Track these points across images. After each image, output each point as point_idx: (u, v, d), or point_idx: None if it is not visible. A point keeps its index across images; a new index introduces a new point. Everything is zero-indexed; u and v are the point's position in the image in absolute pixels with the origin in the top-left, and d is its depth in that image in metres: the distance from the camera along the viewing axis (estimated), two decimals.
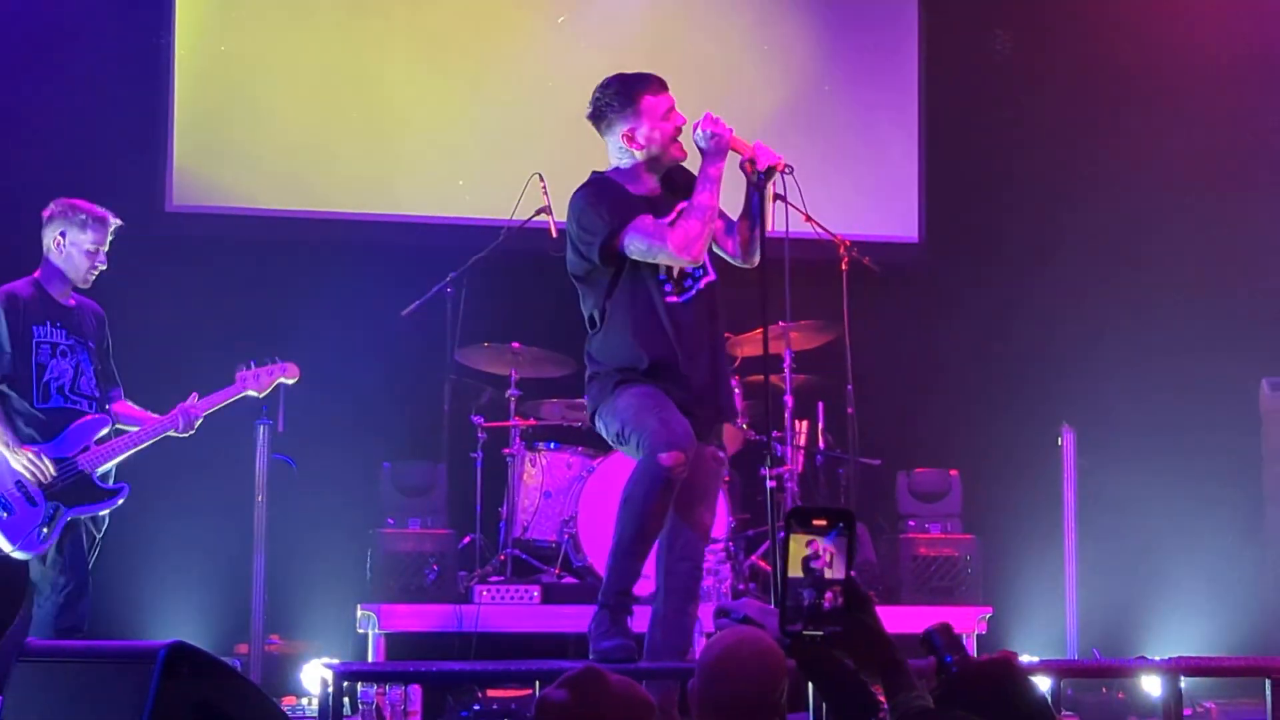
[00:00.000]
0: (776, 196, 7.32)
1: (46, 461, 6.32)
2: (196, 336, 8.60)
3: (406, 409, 9.13)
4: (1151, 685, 6.73)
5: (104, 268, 6.61)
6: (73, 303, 6.62)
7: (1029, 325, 9.76)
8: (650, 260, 5.62)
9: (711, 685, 3.21)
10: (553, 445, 8.72)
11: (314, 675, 7.62)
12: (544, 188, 8.42)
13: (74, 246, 6.51)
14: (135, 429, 6.64)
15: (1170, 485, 9.30)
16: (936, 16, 10.23)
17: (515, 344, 8.70)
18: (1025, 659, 6.50)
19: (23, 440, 6.36)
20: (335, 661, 6.99)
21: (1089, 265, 9.85)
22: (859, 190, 9.90)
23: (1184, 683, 5.84)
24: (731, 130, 5.69)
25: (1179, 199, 9.81)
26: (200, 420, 6.67)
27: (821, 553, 2.80)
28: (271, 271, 9.27)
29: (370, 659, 7.99)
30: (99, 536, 6.60)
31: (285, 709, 7.48)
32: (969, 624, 8.38)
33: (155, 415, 6.68)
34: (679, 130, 5.73)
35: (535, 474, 8.65)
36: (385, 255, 9.43)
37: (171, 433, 6.62)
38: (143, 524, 7.25)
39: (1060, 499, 8.78)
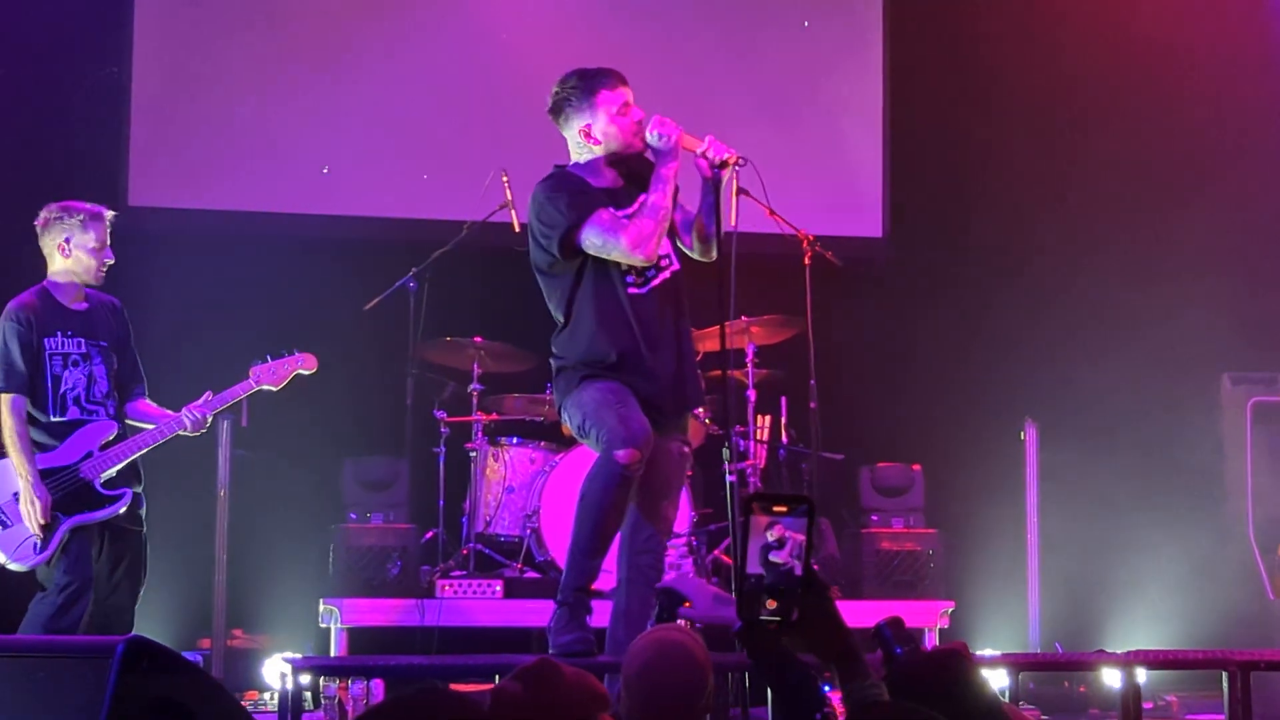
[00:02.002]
0: (740, 191, 7.37)
1: (39, 511, 6.23)
2: (156, 331, 8.54)
3: (369, 404, 9.11)
4: (1113, 678, 6.77)
5: (111, 262, 6.56)
6: (85, 306, 6.55)
7: (992, 320, 9.79)
8: (605, 256, 5.65)
9: (636, 699, 3.21)
10: (515, 440, 8.72)
11: (276, 670, 7.61)
12: (507, 183, 8.42)
13: (80, 248, 6.47)
14: (149, 427, 6.56)
15: (1132, 479, 9.34)
16: (901, 11, 10.25)
17: (478, 338, 8.69)
18: (987, 653, 6.53)
19: (38, 449, 6.35)
20: (297, 656, 6.98)
21: (1052, 260, 9.88)
22: (823, 185, 9.91)
23: (1146, 676, 5.88)
24: (681, 129, 5.69)
25: (1143, 196, 9.85)
26: (210, 418, 6.59)
27: (784, 539, 2.80)
28: (232, 267, 9.23)
29: (333, 653, 7.98)
30: (143, 554, 6.54)
31: (247, 704, 7.47)
32: (931, 618, 8.41)
33: (168, 413, 6.59)
34: (638, 124, 5.73)
35: (498, 469, 8.64)
36: (347, 250, 9.41)
37: (182, 433, 6.53)
38: None
39: (1023, 493, 8.82)
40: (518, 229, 8.26)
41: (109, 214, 6.63)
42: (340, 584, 8.33)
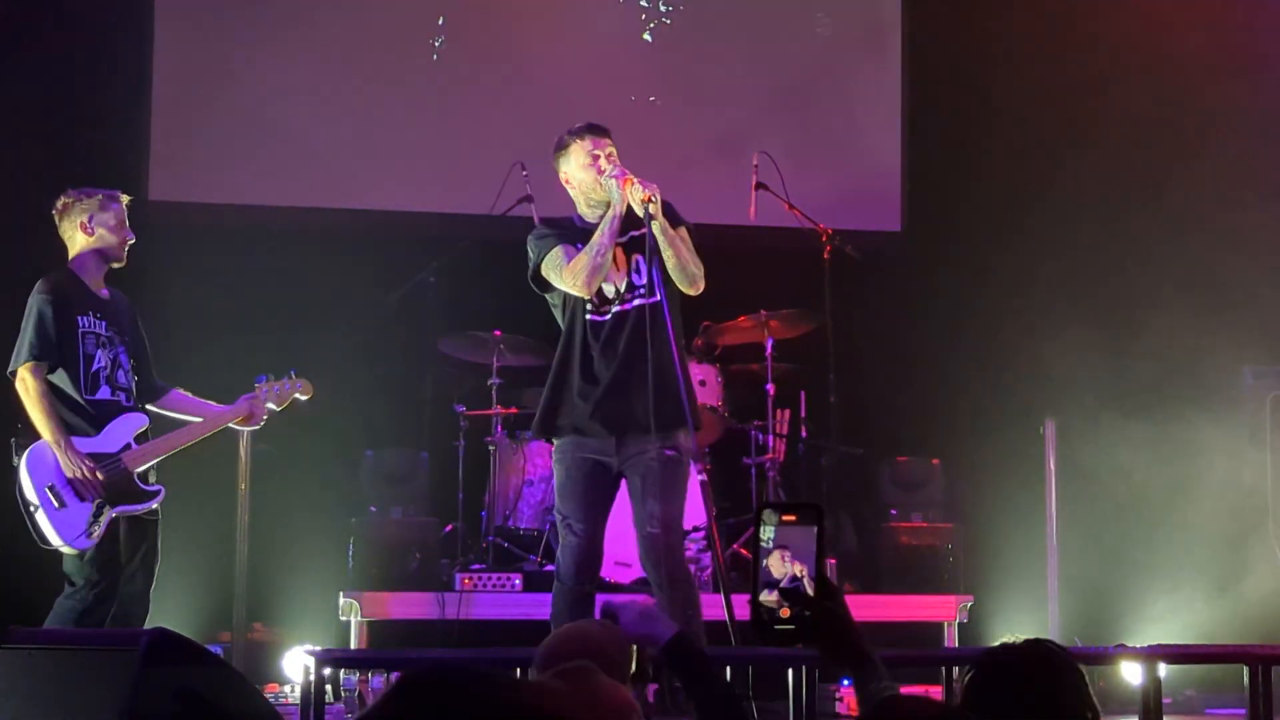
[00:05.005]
0: (759, 185, 7.48)
1: (91, 468, 6.21)
2: (175, 325, 8.57)
3: (389, 397, 9.13)
4: (1133, 673, 6.76)
5: (133, 240, 6.58)
6: (106, 294, 6.55)
7: (1011, 315, 9.77)
8: (561, 287, 6.21)
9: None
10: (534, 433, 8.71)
11: (296, 663, 7.63)
12: (526, 177, 8.42)
13: (102, 226, 6.47)
14: (197, 419, 6.60)
15: (1152, 475, 9.32)
16: (920, 5, 10.25)
17: (497, 332, 8.70)
18: None
19: (70, 430, 6.29)
20: (318, 649, 7.00)
21: (1071, 255, 9.86)
22: (841, 179, 9.90)
23: (1167, 671, 5.87)
24: (625, 173, 6.10)
25: (1161, 190, 9.82)
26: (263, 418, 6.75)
27: (792, 546, 2.83)
28: (253, 262, 9.25)
29: (353, 646, 7.99)
30: (158, 542, 6.50)
31: (267, 696, 7.48)
32: (950, 613, 8.41)
33: (216, 406, 6.67)
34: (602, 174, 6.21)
35: (517, 462, 8.65)
36: (368, 245, 9.42)
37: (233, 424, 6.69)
38: None
39: (1042, 488, 8.81)
40: (538, 222, 8.26)
41: (125, 197, 6.64)
42: (360, 577, 8.36)
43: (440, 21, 9.77)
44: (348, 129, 9.58)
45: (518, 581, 8.20)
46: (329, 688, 6.53)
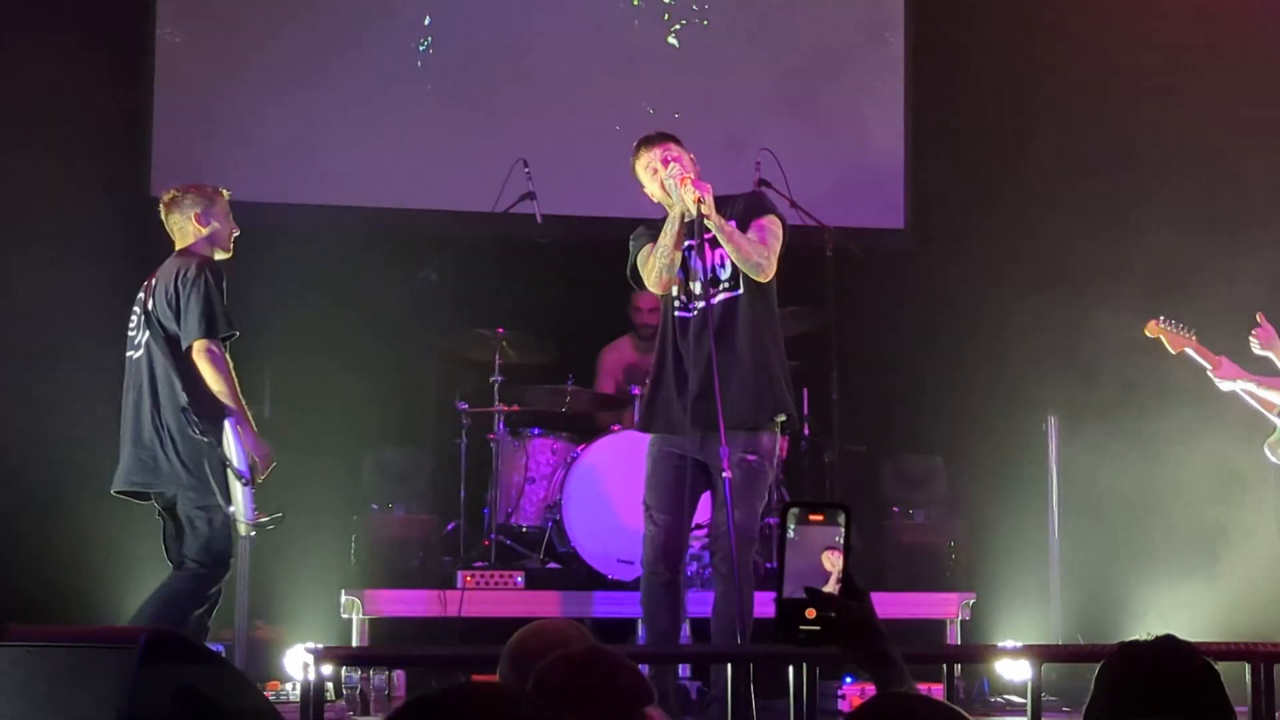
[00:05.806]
0: (762, 182, 7.52)
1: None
2: None
3: (391, 395, 9.11)
4: None
5: (239, 233, 6.73)
6: None
7: (1014, 312, 9.75)
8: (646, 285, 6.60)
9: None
10: (537, 431, 8.72)
11: (297, 660, 7.62)
12: (528, 174, 8.40)
13: (215, 219, 6.61)
14: None
15: (1155, 470, 9.31)
16: (923, 2, 10.23)
17: (500, 329, 8.69)
18: (1009, 644, 6.52)
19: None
20: (318, 646, 6.99)
21: (1074, 252, 9.85)
22: (844, 177, 9.88)
23: None
24: (683, 174, 6.42)
25: (1164, 187, 9.81)
26: None
27: (818, 547, 2.80)
28: (256, 259, 9.22)
29: (354, 644, 7.98)
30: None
31: (269, 694, 7.48)
32: (952, 610, 8.39)
33: None
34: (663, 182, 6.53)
35: (519, 460, 8.64)
36: (370, 242, 9.40)
37: None
38: (128, 509, 7.22)
39: (1045, 485, 8.79)
40: (539, 219, 8.27)
41: (225, 192, 6.76)
42: (362, 575, 8.35)
43: (427, 21, 9.75)
44: (349, 125, 9.56)
45: (520, 579, 8.19)
46: (329, 685, 6.53)
